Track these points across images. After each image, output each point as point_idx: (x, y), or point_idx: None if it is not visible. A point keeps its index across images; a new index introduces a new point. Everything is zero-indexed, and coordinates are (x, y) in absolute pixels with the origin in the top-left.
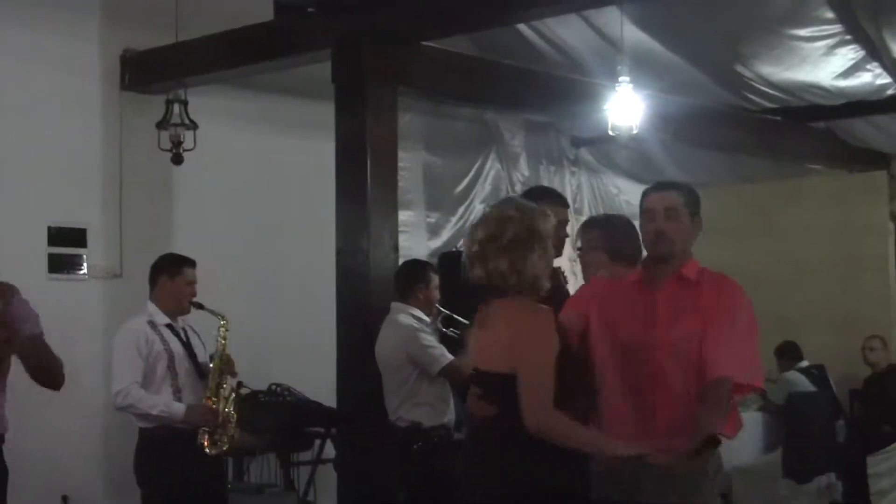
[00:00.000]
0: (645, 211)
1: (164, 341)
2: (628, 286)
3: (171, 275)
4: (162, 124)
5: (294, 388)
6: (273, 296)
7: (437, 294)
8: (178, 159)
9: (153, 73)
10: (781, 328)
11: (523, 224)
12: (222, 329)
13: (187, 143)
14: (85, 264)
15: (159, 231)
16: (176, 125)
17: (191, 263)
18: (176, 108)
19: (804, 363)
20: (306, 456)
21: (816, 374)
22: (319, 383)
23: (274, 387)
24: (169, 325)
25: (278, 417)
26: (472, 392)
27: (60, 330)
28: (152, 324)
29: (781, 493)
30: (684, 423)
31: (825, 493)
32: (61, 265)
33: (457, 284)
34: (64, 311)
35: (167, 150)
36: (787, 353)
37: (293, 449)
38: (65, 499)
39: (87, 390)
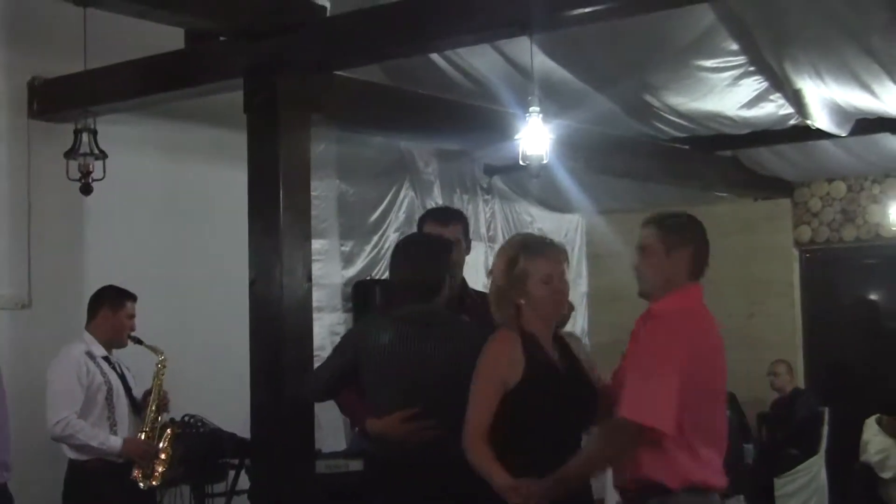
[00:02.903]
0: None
1: (103, 373)
2: None
3: (114, 307)
4: (70, 154)
5: (206, 419)
6: (185, 326)
7: None
8: (86, 189)
9: (62, 100)
10: None
11: None
12: (160, 365)
13: (96, 173)
14: None
15: (69, 261)
16: (85, 155)
17: (132, 297)
18: (84, 137)
19: None
20: (221, 487)
21: (729, 400)
22: (232, 414)
23: (186, 417)
24: (106, 358)
25: (191, 448)
26: None
27: None
28: (90, 354)
29: None
30: None
31: None
32: None
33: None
34: None
35: (76, 180)
36: None
37: (206, 480)
38: None
39: None
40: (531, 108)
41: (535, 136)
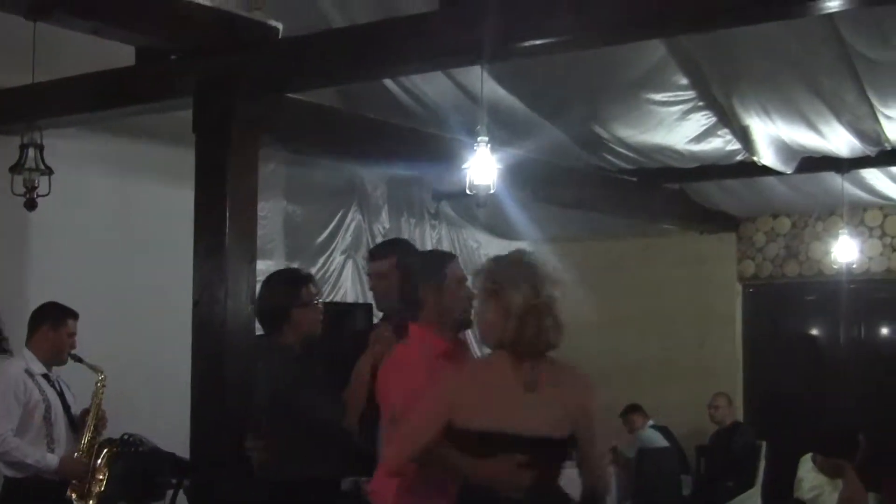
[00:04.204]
0: (458, 279)
1: (41, 391)
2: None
3: (55, 325)
4: (15, 168)
5: (146, 438)
6: (127, 345)
7: None
8: (31, 205)
9: (8, 113)
10: (632, 384)
11: None
12: (100, 384)
13: (42, 189)
14: None
15: (11, 277)
16: (30, 170)
17: (74, 315)
18: (31, 152)
19: (651, 422)
20: None
21: (664, 431)
22: (172, 434)
23: (126, 436)
24: (45, 375)
25: (130, 467)
26: (510, 460)
27: None
28: (29, 371)
29: None
30: None
31: None
32: None
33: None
34: None
35: (20, 195)
36: (636, 414)
37: (144, 499)
38: None
39: None
40: (479, 137)
41: (483, 166)
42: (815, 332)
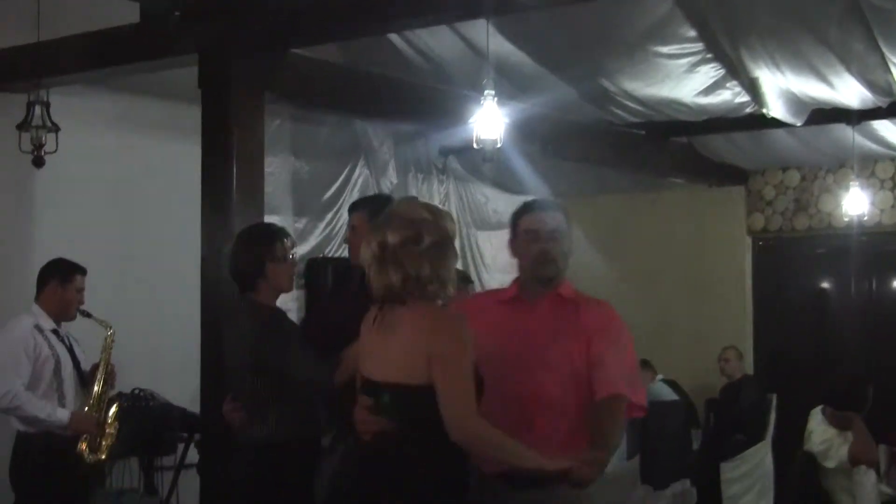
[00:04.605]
0: (528, 231)
1: (51, 346)
2: (506, 302)
3: (63, 281)
4: (23, 126)
5: (157, 393)
6: (137, 300)
7: None
8: (38, 162)
9: (14, 71)
10: (640, 338)
11: (439, 226)
12: (108, 339)
13: (49, 146)
14: None
15: (19, 233)
16: (37, 127)
17: (82, 271)
18: (37, 109)
19: (660, 377)
20: (170, 460)
21: (673, 385)
22: (182, 388)
23: (137, 391)
24: (55, 331)
25: (140, 422)
26: (361, 402)
27: None
28: (38, 327)
29: (638, 499)
30: (566, 438)
31: (680, 499)
32: None
33: (324, 290)
34: None
35: (28, 152)
36: (645, 369)
37: (155, 453)
38: None
39: None
40: (486, 91)
41: (490, 120)
42: (825, 285)
